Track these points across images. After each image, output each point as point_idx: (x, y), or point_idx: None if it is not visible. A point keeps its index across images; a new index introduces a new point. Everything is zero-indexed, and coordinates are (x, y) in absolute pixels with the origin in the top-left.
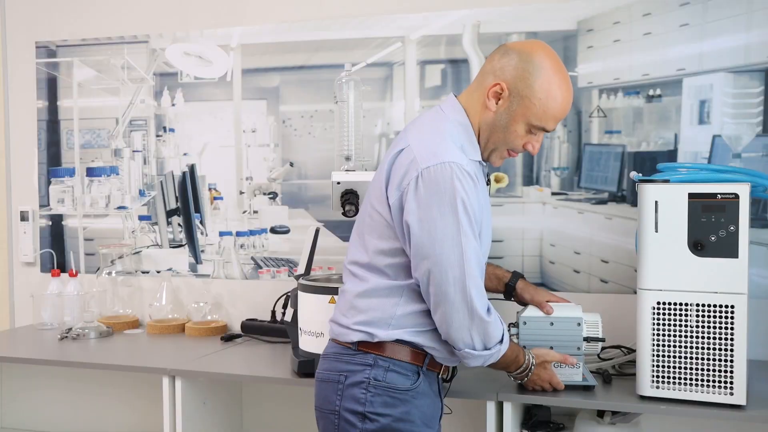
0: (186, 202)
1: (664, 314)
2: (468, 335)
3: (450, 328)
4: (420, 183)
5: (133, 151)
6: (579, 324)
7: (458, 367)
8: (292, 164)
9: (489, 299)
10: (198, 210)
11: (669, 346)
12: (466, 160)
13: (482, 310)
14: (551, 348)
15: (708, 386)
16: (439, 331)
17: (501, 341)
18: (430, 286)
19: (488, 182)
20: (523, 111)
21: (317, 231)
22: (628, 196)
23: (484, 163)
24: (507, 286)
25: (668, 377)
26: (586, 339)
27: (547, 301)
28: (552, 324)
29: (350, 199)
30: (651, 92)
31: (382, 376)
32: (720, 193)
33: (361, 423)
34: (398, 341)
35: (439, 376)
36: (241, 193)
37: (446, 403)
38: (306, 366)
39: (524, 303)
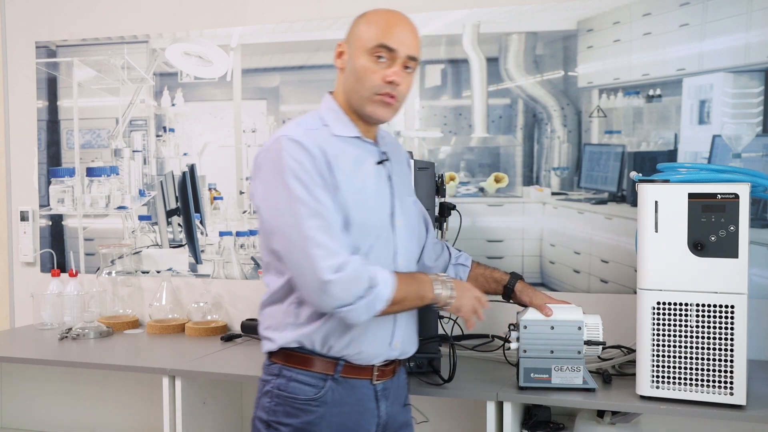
0: (186, 202)
1: (664, 314)
2: (334, 294)
3: (313, 296)
4: (259, 164)
5: (133, 151)
6: (580, 328)
7: (458, 368)
8: None
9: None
10: (198, 210)
11: (669, 346)
12: (301, 132)
13: (327, 269)
14: (551, 352)
15: (708, 386)
16: (312, 305)
17: (375, 285)
18: (282, 261)
19: (383, 161)
20: (357, 44)
21: None
22: (628, 196)
23: (371, 141)
24: (505, 288)
25: (668, 377)
26: (587, 342)
27: (546, 304)
28: (552, 328)
29: None
30: (651, 92)
31: (284, 386)
32: (720, 193)
33: (266, 431)
34: (302, 349)
35: (374, 383)
36: (241, 193)
37: (445, 404)
38: None
39: (523, 304)
